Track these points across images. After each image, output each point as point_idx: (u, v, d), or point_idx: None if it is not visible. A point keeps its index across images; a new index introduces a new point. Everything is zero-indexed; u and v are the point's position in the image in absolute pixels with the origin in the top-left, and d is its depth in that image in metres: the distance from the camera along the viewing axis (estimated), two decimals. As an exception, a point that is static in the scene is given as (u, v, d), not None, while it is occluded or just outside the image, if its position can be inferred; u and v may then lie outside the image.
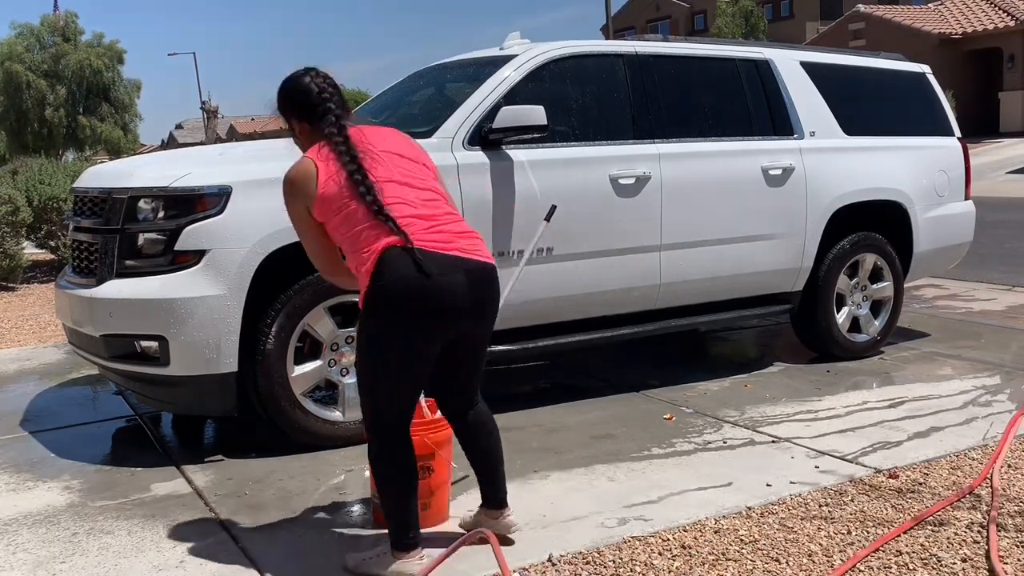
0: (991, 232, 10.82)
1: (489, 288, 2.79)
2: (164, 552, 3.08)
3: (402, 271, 2.62)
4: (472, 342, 2.86)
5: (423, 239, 2.68)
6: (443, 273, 2.65)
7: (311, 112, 2.85)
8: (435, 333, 2.70)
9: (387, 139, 2.88)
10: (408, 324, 2.65)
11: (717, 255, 4.97)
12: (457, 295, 2.68)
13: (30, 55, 26.88)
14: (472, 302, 2.72)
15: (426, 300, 2.63)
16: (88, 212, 4.15)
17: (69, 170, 11.06)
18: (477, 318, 2.78)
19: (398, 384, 2.74)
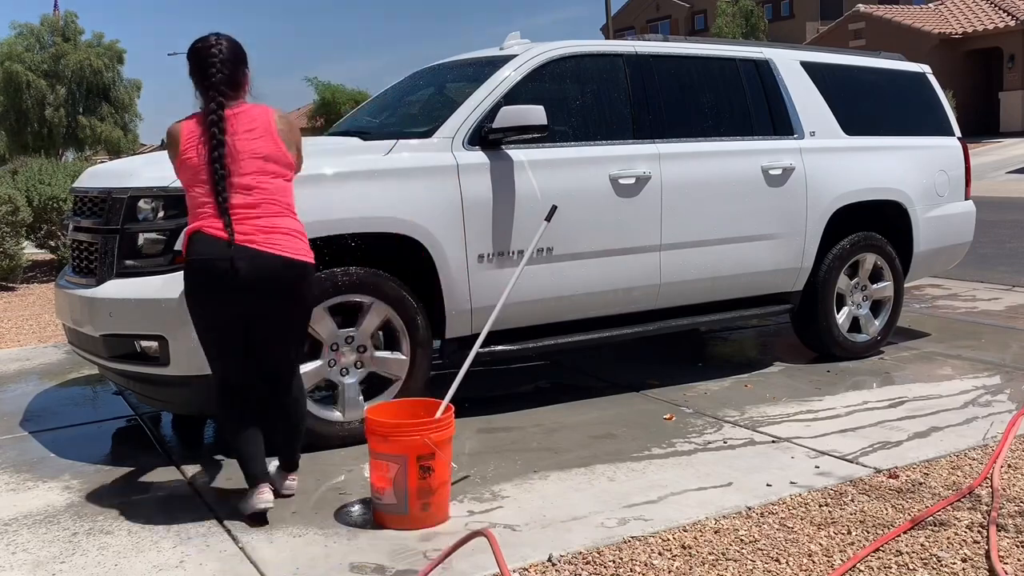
0: (991, 232, 10.83)
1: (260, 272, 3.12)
2: (164, 552, 3.08)
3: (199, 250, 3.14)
4: (264, 320, 3.23)
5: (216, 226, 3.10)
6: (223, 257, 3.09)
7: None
8: (215, 308, 3.19)
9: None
10: (199, 296, 3.20)
11: (717, 255, 4.97)
12: (237, 276, 3.09)
13: (30, 55, 26.87)
14: (250, 283, 3.11)
15: (208, 276, 3.13)
16: (88, 212, 4.14)
17: (69, 170, 11.05)
18: (260, 298, 3.16)
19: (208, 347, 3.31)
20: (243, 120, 3.18)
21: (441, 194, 4.17)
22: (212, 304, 3.20)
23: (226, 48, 3.19)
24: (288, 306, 3.26)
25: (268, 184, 3.18)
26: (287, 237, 3.19)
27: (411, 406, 3.47)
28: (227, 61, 3.18)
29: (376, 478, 3.24)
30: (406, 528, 3.19)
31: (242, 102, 3.26)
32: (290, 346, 3.38)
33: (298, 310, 3.32)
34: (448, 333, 4.31)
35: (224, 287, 3.12)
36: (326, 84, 29.52)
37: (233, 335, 3.25)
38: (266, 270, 3.13)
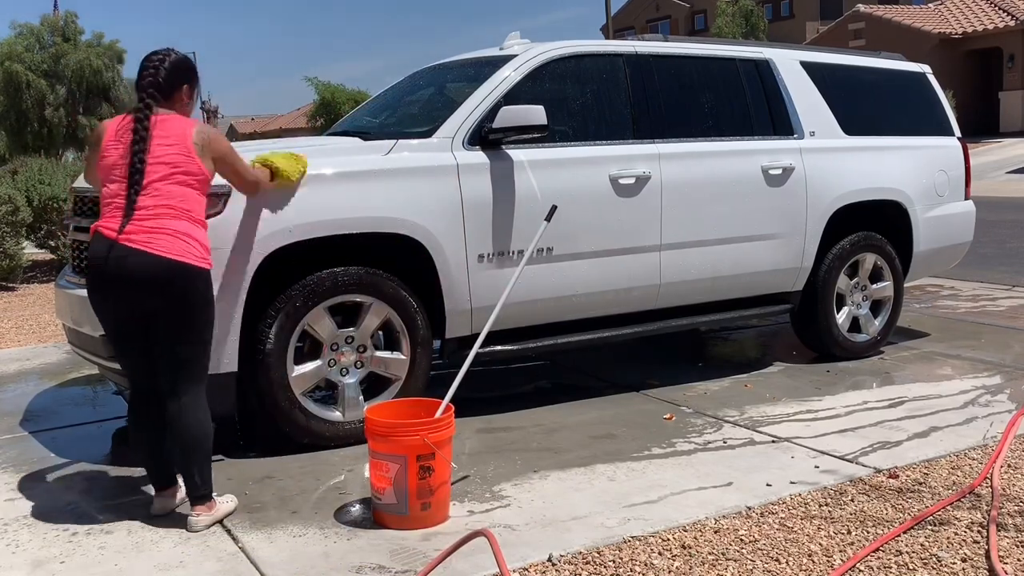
0: (991, 232, 10.83)
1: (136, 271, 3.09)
2: (164, 552, 3.08)
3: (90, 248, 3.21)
4: (153, 320, 3.19)
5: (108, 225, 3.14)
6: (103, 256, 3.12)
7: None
8: (110, 307, 3.22)
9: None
10: (91, 294, 3.27)
11: (717, 255, 4.97)
12: (119, 277, 3.11)
13: (30, 55, 26.81)
14: (128, 282, 3.11)
15: (93, 275, 3.19)
16: (88, 212, 4.14)
17: (69, 170, 11.06)
18: (143, 298, 3.14)
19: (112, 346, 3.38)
20: (161, 128, 3.19)
21: (441, 194, 4.17)
22: (102, 302, 3.23)
23: (169, 61, 3.32)
24: (172, 308, 3.16)
25: (171, 189, 3.16)
26: (171, 239, 3.11)
27: (411, 406, 3.47)
28: (163, 70, 3.28)
29: (376, 478, 3.25)
30: (406, 528, 3.19)
31: (172, 113, 3.27)
32: (180, 353, 3.20)
33: (183, 313, 3.18)
34: (448, 333, 4.31)
35: (106, 285, 3.16)
36: (326, 84, 29.48)
37: (128, 335, 3.25)
38: (141, 269, 3.08)
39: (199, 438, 3.24)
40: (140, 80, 3.28)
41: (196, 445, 3.23)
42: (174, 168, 3.17)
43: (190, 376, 3.24)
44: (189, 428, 3.22)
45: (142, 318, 3.19)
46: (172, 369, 3.22)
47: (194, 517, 3.24)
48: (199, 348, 3.26)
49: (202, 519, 3.24)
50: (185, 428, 3.22)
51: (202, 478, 3.25)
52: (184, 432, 3.22)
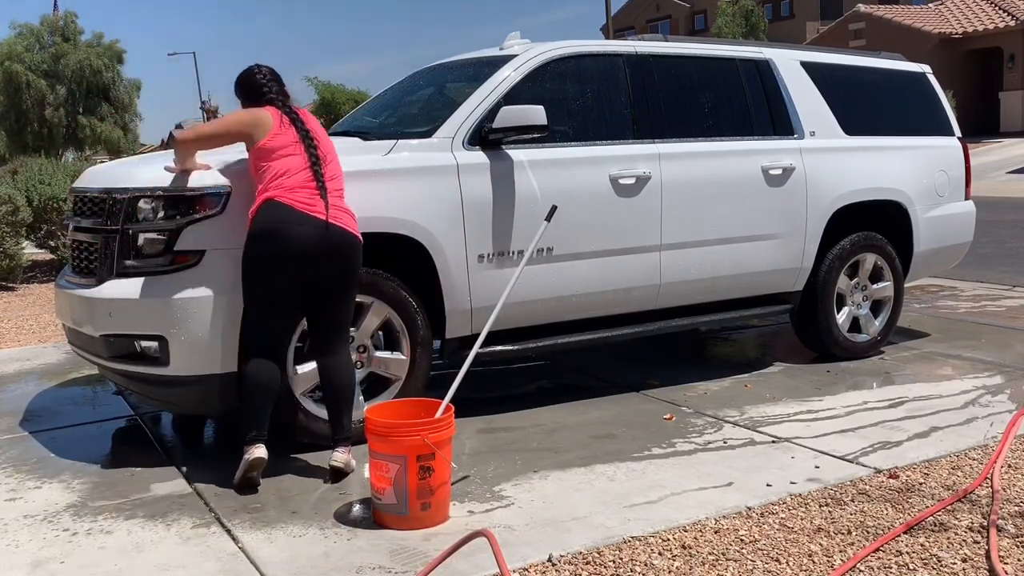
0: (991, 232, 10.83)
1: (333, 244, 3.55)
2: (164, 552, 3.08)
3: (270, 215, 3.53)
4: (321, 287, 3.57)
5: (296, 198, 3.53)
6: (299, 224, 3.49)
7: (259, 95, 3.80)
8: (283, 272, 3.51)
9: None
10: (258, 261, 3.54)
11: (717, 255, 4.97)
12: (304, 242, 3.48)
13: (30, 55, 26.82)
14: (319, 252, 3.50)
15: (274, 243, 3.49)
16: (88, 212, 4.14)
17: (69, 170, 11.05)
18: (323, 264, 3.53)
19: (260, 310, 3.60)
20: (306, 117, 3.80)
21: (441, 194, 4.17)
22: (279, 267, 3.53)
23: (273, 72, 3.90)
24: (339, 279, 3.65)
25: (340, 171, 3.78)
26: (350, 217, 3.67)
27: (411, 406, 3.47)
28: (276, 78, 3.88)
29: (376, 478, 3.25)
30: (406, 528, 3.19)
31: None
32: (342, 313, 3.70)
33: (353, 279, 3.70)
34: (448, 333, 4.31)
35: (298, 251, 3.51)
36: (326, 84, 29.49)
37: (288, 299, 3.59)
38: (337, 241, 3.56)
39: (353, 387, 3.75)
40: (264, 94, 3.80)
41: (352, 393, 3.71)
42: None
43: (347, 334, 3.77)
44: (346, 385, 3.69)
45: (310, 283, 3.57)
46: (331, 324, 3.66)
47: (340, 454, 3.65)
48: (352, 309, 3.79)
49: (343, 457, 3.66)
50: (344, 386, 3.68)
51: (350, 421, 3.71)
52: (344, 386, 3.68)
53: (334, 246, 3.53)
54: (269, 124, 3.66)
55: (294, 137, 3.64)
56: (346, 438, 3.69)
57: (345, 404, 3.68)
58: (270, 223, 3.50)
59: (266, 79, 3.83)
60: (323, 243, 3.50)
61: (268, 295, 3.55)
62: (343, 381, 3.67)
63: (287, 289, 3.55)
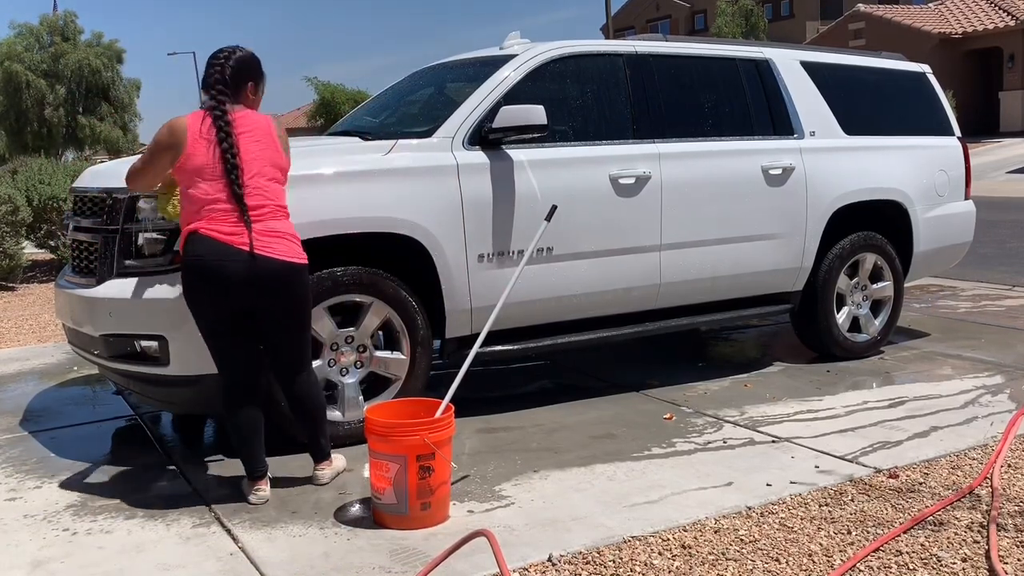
0: (991, 232, 10.83)
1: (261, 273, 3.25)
2: (164, 552, 3.08)
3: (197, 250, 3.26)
4: (263, 317, 3.36)
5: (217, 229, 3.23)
6: (223, 257, 3.21)
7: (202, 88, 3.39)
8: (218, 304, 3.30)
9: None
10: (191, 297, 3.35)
11: (717, 255, 4.97)
12: (230, 277, 3.21)
13: (29, 55, 26.82)
14: (247, 284, 3.22)
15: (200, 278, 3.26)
16: (88, 212, 4.14)
17: (69, 170, 11.05)
18: (257, 296, 3.27)
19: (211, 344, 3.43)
20: (243, 122, 3.32)
21: (441, 194, 4.17)
22: (212, 301, 3.33)
23: (234, 58, 3.40)
24: (281, 306, 3.38)
25: (271, 187, 3.33)
26: (284, 241, 3.32)
27: (411, 406, 3.47)
28: (229, 67, 3.36)
29: (376, 478, 3.25)
30: (406, 528, 3.19)
31: (242, 108, 3.40)
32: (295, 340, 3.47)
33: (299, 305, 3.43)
34: (448, 333, 4.31)
35: (227, 286, 3.27)
36: (326, 84, 29.46)
37: (236, 331, 3.39)
38: (267, 272, 3.26)
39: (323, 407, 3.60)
40: (205, 79, 3.34)
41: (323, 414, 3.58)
42: (272, 164, 3.32)
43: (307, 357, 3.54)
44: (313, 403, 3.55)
45: (255, 313, 3.35)
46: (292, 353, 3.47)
47: (320, 472, 3.61)
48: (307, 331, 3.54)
49: (327, 473, 3.62)
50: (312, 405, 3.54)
51: (326, 439, 3.62)
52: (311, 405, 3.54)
53: (262, 277, 3.22)
54: (183, 140, 3.23)
55: (210, 152, 3.20)
56: (326, 456, 3.63)
57: (318, 426, 3.58)
58: (194, 257, 3.23)
59: (220, 65, 3.34)
60: (250, 275, 3.21)
61: (209, 328, 3.37)
62: (311, 405, 3.53)
63: (227, 320, 3.33)
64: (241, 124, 3.28)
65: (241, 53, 3.43)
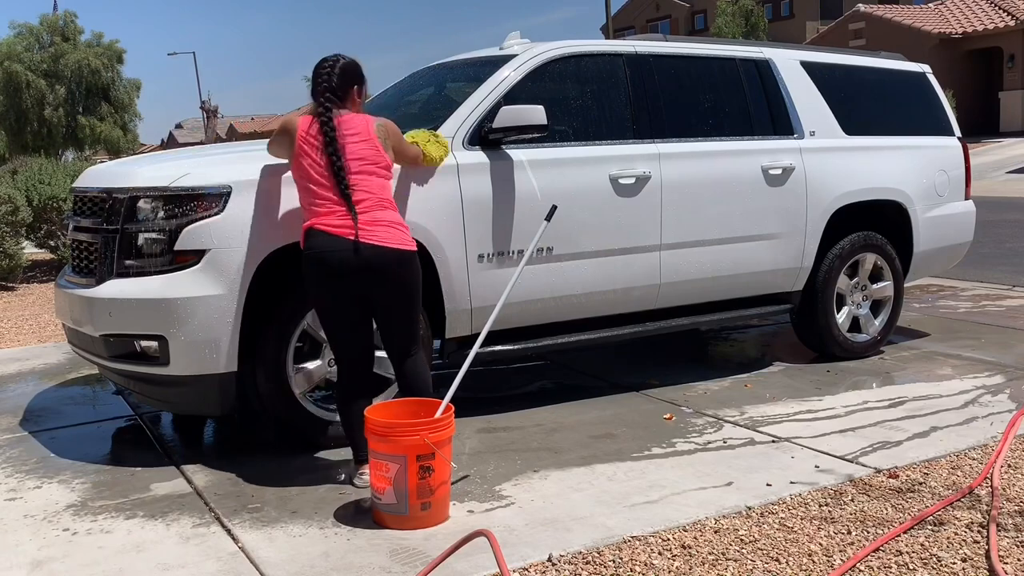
0: (991, 232, 10.83)
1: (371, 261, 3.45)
2: (164, 552, 3.08)
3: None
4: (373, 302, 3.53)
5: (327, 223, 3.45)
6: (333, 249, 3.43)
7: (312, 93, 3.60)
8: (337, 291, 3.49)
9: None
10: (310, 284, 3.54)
11: (717, 255, 4.97)
12: (341, 264, 3.42)
13: (29, 55, 26.83)
14: (356, 271, 3.42)
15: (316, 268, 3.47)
16: (88, 212, 4.14)
17: (69, 170, 11.06)
18: (365, 281, 3.46)
19: (327, 328, 3.63)
20: (347, 125, 3.52)
21: (441, 194, 4.17)
22: (328, 289, 3.50)
23: (339, 66, 3.61)
24: (394, 294, 3.54)
25: (373, 182, 3.52)
26: (389, 229, 3.49)
27: (411, 406, 3.47)
28: (336, 75, 3.58)
29: (376, 478, 3.25)
30: (406, 528, 3.19)
31: (348, 111, 3.58)
32: (405, 323, 3.60)
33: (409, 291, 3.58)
34: (448, 333, 4.31)
35: (340, 274, 3.45)
36: (326, 84, 29.42)
37: (351, 316, 3.54)
38: (374, 258, 3.43)
39: (429, 388, 3.67)
40: (316, 87, 3.56)
41: (429, 393, 3.64)
42: (368, 161, 3.51)
43: (416, 339, 3.66)
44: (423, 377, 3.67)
45: (365, 299, 3.52)
46: (401, 336, 3.60)
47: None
48: (418, 316, 3.67)
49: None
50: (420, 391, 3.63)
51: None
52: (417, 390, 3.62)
53: (370, 263, 3.42)
54: (293, 137, 3.51)
55: (318, 155, 3.45)
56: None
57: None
58: (311, 250, 3.48)
59: (327, 74, 3.58)
60: (359, 262, 3.41)
61: (327, 314, 3.57)
62: (419, 384, 3.63)
63: (342, 307, 3.52)
64: (345, 127, 3.49)
65: (344, 61, 3.64)
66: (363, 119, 3.56)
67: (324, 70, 3.58)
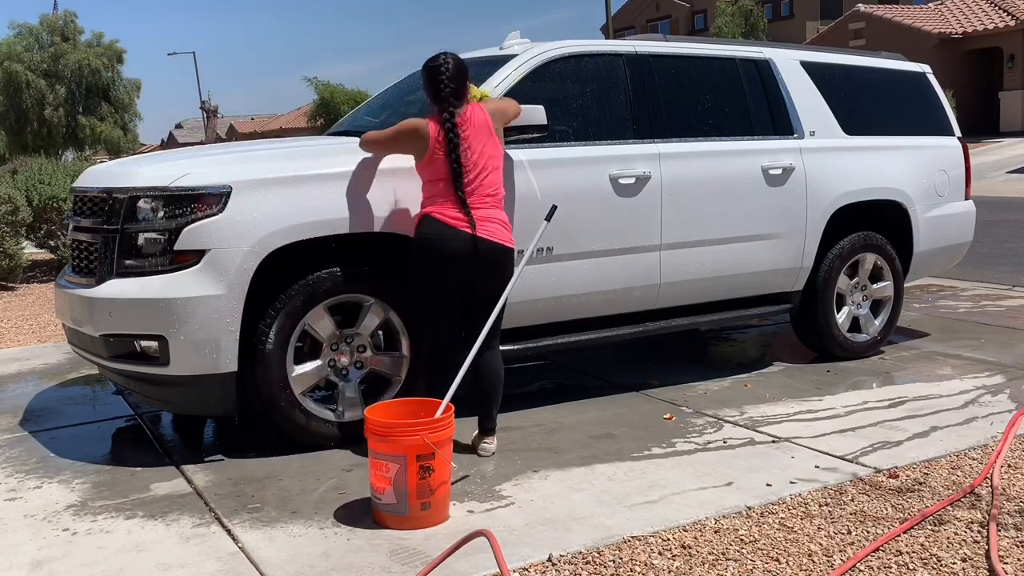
0: (991, 232, 10.83)
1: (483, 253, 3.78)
2: (164, 552, 3.08)
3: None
4: (474, 289, 3.84)
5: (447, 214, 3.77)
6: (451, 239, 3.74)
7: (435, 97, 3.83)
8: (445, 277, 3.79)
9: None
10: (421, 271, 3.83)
11: (717, 255, 4.96)
12: (455, 254, 3.72)
13: (29, 55, 26.85)
14: (469, 262, 3.74)
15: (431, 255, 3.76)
16: (88, 212, 4.14)
17: (69, 170, 11.05)
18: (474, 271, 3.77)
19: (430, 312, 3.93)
20: (467, 124, 3.78)
21: (441, 194, 4.16)
22: (436, 273, 3.80)
23: (453, 66, 3.81)
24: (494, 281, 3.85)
25: (490, 179, 3.83)
26: (500, 227, 3.82)
27: (411, 406, 3.47)
28: (455, 78, 3.80)
29: (376, 478, 3.25)
30: (406, 528, 3.19)
31: (464, 107, 3.82)
32: (495, 315, 3.84)
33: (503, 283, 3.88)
34: (448, 333, 4.31)
35: (450, 261, 3.76)
36: (326, 84, 29.47)
37: (451, 301, 3.86)
38: (485, 251, 3.76)
39: (502, 379, 3.98)
40: (438, 92, 3.78)
41: (500, 385, 3.96)
42: (491, 156, 3.83)
43: (498, 333, 3.95)
44: (498, 379, 3.96)
45: (466, 286, 3.84)
46: (491, 326, 3.82)
47: (486, 444, 3.96)
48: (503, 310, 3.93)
49: (491, 446, 3.97)
50: (497, 380, 3.95)
51: (496, 414, 4.00)
52: (495, 380, 3.94)
53: (481, 255, 3.75)
54: (427, 143, 3.76)
55: (443, 157, 3.74)
56: (492, 428, 3.98)
57: (495, 395, 3.94)
58: (425, 236, 3.76)
59: (446, 77, 3.78)
60: (470, 253, 3.73)
61: (429, 296, 3.85)
62: (494, 379, 3.91)
63: (445, 291, 3.82)
64: (467, 126, 3.76)
65: (454, 60, 3.84)
66: (480, 113, 3.83)
67: (442, 75, 3.78)
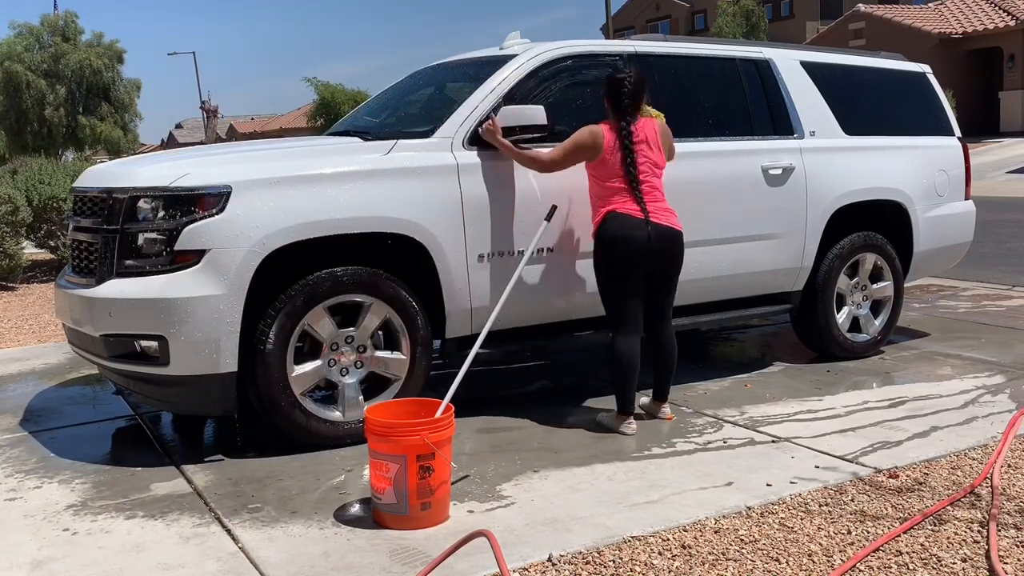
0: (991, 232, 10.83)
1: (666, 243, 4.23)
2: (164, 552, 3.08)
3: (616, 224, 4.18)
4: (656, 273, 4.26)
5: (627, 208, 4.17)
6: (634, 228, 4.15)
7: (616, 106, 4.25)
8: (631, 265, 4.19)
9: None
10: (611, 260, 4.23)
11: (717, 255, 4.96)
12: (640, 241, 4.14)
13: (30, 55, 26.83)
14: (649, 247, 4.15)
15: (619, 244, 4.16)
16: (88, 212, 4.15)
17: (69, 170, 11.05)
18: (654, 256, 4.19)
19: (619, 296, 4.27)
20: (639, 133, 4.20)
21: (441, 194, 4.17)
22: (622, 261, 4.17)
23: (634, 81, 4.20)
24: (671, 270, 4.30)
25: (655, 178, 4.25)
26: (669, 215, 4.24)
27: (411, 406, 3.47)
28: (636, 92, 4.21)
29: (376, 478, 3.25)
30: (406, 528, 3.19)
31: (640, 118, 4.24)
32: (671, 296, 4.36)
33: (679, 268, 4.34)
34: (448, 333, 4.31)
35: (635, 248, 4.14)
36: (326, 84, 29.46)
37: (635, 286, 4.21)
38: (662, 235, 4.16)
39: (676, 355, 4.44)
40: (619, 103, 4.20)
41: (675, 359, 4.43)
42: (655, 165, 4.26)
43: (671, 310, 4.43)
44: (674, 352, 4.42)
45: (648, 271, 4.23)
46: (668, 305, 4.37)
47: (664, 409, 4.42)
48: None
49: (668, 409, 4.43)
50: (673, 353, 4.41)
51: (670, 384, 4.45)
52: (673, 353, 4.41)
53: (661, 239, 4.15)
54: (602, 146, 4.14)
55: (618, 159, 4.14)
56: (667, 395, 4.43)
57: (670, 370, 4.38)
58: (610, 231, 4.14)
59: (627, 92, 4.17)
60: (650, 239, 4.12)
61: (616, 284, 4.20)
62: (670, 351, 4.37)
63: (630, 277, 4.17)
64: (638, 135, 4.17)
65: (634, 75, 4.22)
66: (651, 126, 4.25)
67: (624, 88, 4.17)
